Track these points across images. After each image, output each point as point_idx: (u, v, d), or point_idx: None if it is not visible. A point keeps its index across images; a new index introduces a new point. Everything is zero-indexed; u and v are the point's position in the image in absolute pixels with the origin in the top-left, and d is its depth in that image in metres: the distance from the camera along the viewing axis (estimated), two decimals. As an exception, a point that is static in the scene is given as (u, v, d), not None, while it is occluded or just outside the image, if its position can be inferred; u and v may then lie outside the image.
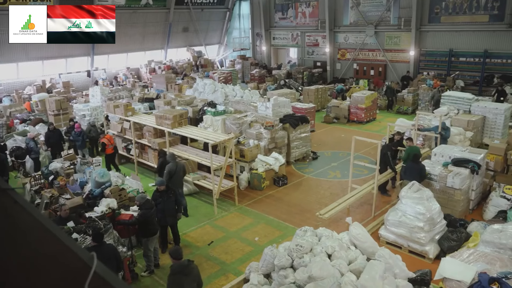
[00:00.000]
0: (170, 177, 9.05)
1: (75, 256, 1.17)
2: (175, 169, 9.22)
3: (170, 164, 9.26)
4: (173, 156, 9.63)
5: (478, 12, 20.16)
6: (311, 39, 27.92)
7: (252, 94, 17.76)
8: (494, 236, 6.78)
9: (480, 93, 19.36)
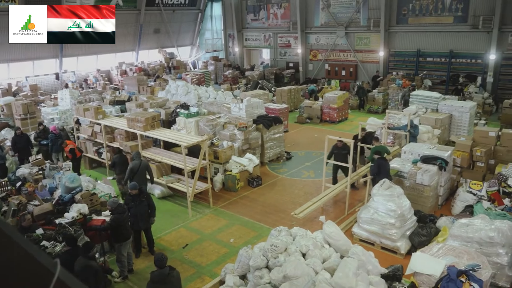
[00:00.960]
0: (132, 175, 9.17)
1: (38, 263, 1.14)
2: (138, 167, 9.27)
3: (134, 161, 9.37)
4: (138, 154, 9.73)
5: (443, 14, 20.83)
6: (283, 40, 28.13)
7: (226, 96, 17.74)
8: (461, 230, 7.01)
9: (447, 92, 20.01)
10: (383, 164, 9.01)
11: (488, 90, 19.64)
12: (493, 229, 6.73)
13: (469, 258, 6.06)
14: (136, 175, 9.18)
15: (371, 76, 23.48)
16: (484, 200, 8.82)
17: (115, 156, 10.70)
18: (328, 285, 5.31)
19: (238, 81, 26.37)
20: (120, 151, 11.09)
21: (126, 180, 9.34)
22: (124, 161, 10.70)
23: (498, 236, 6.65)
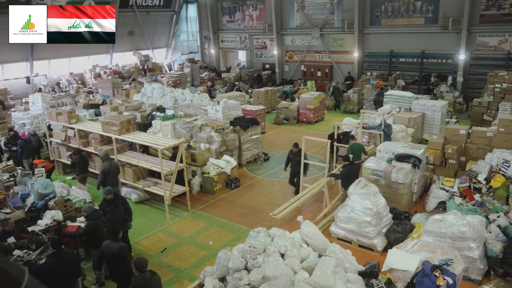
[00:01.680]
0: (104, 176, 9.22)
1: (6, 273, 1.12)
2: (109, 168, 9.34)
3: (105, 163, 9.39)
4: (107, 155, 9.76)
5: (414, 15, 21.33)
6: (259, 41, 28.22)
7: (202, 98, 17.66)
8: (435, 226, 7.20)
9: (419, 92, 20.48)
10: (352, 170, 9.14)
11: (459, 89, 20.24)
12: (465, 224, 6.94)
13: (443, 253, 6.22)
14: (109, 175, 9.25)
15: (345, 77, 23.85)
16: (456, 196, 9.07)
17: (75, 157, 10.85)
18: (306, 284, 5.35)
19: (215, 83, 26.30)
20: (80, 151, 11.23)
21: (100, 182, 9.34)
22: (84, 162, 11.00)
23: (469, 231, 6.86)
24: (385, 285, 5.77)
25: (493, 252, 7.10)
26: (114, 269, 6.52)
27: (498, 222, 7.75)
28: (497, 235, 7.22)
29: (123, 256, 6.35)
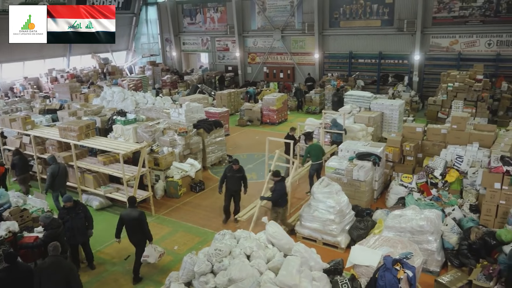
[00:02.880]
0: (53, 179, 9.18)
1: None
2: (58, 170, 9.30)
3: (52, 166, 9.31)
4: (53, 158, 9.66)
5: (371, 18, 22.00)
6: (221, 44, 28.17)
7: (164, 101, 17.42)
8: (395, 221, 7.45)
9: (378, 92, 21.16)
10: (283, 186, 8.37)
11: (415, 88, 21.04)
12: (423, 218, 7.23)
13: (403, 247, 6.44)
14: (58, 177, 9.25)
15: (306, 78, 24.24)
16: (414, 192, 9.43)
17: (15, 158, 10.64)
18: (273, 284, 5.40)
19: (177, 85, 26.01)
20: (20, 152, 10.98)
21: (48, 186, 9.34)
22: (24, 162, 10.83)
23: (427, 225, 7.15)
24: (349, 281, 5.90)
25: (449, 244, 7.42)
26: (134, 233, 7.35)
27: (453, 215, 8.13)
28: (452, 227, 7.56)
29: (142, 221, 7.25)
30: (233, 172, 9.06)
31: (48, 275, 5.61)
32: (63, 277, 5.67)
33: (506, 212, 8.16)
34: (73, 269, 5.93)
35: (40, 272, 5.66)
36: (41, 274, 5.63)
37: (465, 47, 19.91)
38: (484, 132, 10.34)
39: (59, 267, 5.73)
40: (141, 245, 7.38)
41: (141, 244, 7.38)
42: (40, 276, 5.61)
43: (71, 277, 5.75)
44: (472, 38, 19.68)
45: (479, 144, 9.91)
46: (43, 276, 5.61)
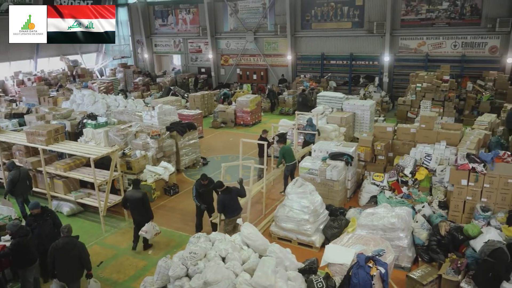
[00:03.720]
0: (13, 185, 9.05)
1: None
2: (19, 176, 9.15)
3: (13, 171, 9.15)
4: (13, 163, 9.54)
5: (342, 20, 22.37)
6: (194, 45, 28.02)
7: (136, 104, 17.17)
8: (367, 219, 7.59)
9: (350, 92, 21.53)
10: (225, 199, 7.94)
11: (385, 89, 21.52)
12: (394, 216, 7.39)
13: (375, 244, 6.58)
14: (18, 183, 9.10)
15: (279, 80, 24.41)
16: (386, 190, 9.64)
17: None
18: (248, 285, 5.40)
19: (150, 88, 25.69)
20: None
21: (8, 191, 9.21)
22: None
23: (398, 222, 7.31)
24: (323, 280, 5.98)
25: (420, 240, 7.62)
26: (137, 211, 8.23)
27: (423, 212, 8.35)
28: (422, 224, 7.77)
29: (145, 201, 8.12)
30: (204, 187, 8.66)
31: (63, 254, 6.30)
32: (76, 254, 6.38)
33: (472, 208, 8.47)
34: (84, 247, 6.57)
35: (54, 252, 6.31)
36: (55, 254, 6.32)
37: (432, 48, 20.53)
38: (451, 131, 10.68)
39: (73, 246, 6.38)
40: (142, 223, 8.19)
41: (142, 221, 8.20)
42: (54, 256, 6.32)
43: (83, 255, 6.50)
44: (439, 40, 20.31)
45: (446, 143, 10.22)
46: (57, 255, 6.31)
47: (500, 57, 19.08)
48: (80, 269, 6.53)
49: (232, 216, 7.94)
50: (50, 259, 6.33)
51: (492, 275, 6.04)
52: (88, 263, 6.61)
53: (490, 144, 10.72)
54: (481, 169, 8.36)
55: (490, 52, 19.33)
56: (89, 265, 6.62)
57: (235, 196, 8.10)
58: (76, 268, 6.45)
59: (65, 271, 6.40)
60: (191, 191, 9.56)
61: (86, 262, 6.56)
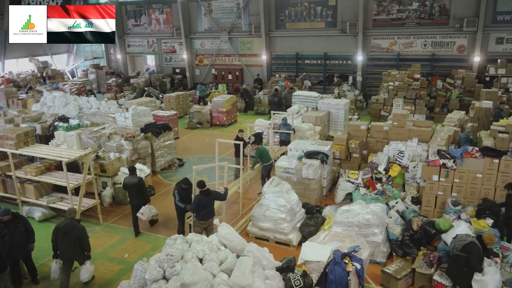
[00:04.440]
0: None
1: None
2: None
3: None
4: None
5: (316, 20, 22.61)
6: (168, 45, 27.74)
7: (110, 105, 16.86)
8: (343, 216, 7.71)
9: (324, 91, 21.79)
10: (201, 200, 7.81)
11: (359, 88, 21.89)
12: (369, 212, 7.53)
13: (351, 241, 6.68)
14: None
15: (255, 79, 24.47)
16: (360, 187, 9.81)
17: None
18: (226, 286, 5.40)
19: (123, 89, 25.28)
20: None
21: None
22: None
23: (373, 218, 7.45)
24: (301, 278, 6.04)
25: (394, 235, 7.80)
26: (134, 196, 8.87)
27: (397, 208, 8.55)
28: (396, 219, 7.95)
29: (141, 186, 8.84)
30: (186, 191, 8.60)
31: (64, 234, 6.86)
32: (76, 235, 6.88)
33: (444, 202, 8.72)
34: (84, 230, 7.07)
35: (57, 231, 6.91)
36: (57, 233, 6.90)
37: (403, 48, 21.00)
38: (422, 128, 10.95)
39: (73, 227, 6.91)
40: (139, 206, 8.80)
41: (139, 205, 8.81)
42: (57, 235, 6.91)
43: (82, 236, 6.98)
44: (410, 40, 20.79)
45: (418, 140, 10.47)
46: (59, 235, 6.89)
47: (467, 56, 19.70)
48: (80, 251, 7.05)
49: (202, 219, 7.81)
50: (53, 238, 6.96)
51: (466, 268, 6.22)
52: (87, 244, 7.09)
53: (459, 140, 11.05)
54: (451, 165, 8.62)
55: (458, 51, 19.93)
56: (88, 246, 7.10)
57: (212, 200, 7.97)
58: (76, 249, 6.99)
59: (66, 250, 6.97)
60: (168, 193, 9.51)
61: (85, 243, 7.05)
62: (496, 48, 19.16)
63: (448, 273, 6.57)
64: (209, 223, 7.86)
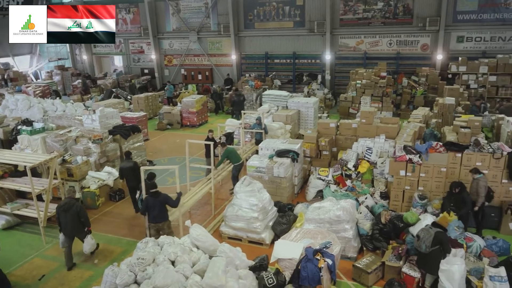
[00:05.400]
0: None
1: None
2: None
3: None
4: None
5: (284, 19, 22.79)
6: (136, 46, 27.28)
7: (76, 107, 16.42)
8: (314, 213, 7.81)
9: (294, 90, 22.00)
10: (149, 202, 7.74)
11: (328, 86, 22.22)
12: (339, 208, 7.66)
13: (322, 237, 6.79)
14: None
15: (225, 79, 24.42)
16: (331, 184, 9.95)
17: None
18: (199, 287, 5.37)
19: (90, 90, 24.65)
20: None
21: None
22: None
23: (343, 214, 7.59)
24: (274, 276, 6.08)
25: (364, 230, 7.96)
26: (130, 179, 9.72)
27: (366, 203, 8.74)
28: (366, 214, 8.12)
29: (136, 169, 9.46)
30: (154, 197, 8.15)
31: (64, 211, 7.69)
32: (74, 212, 7.64)
33: (411, 197, 8.98)
34: (82, 207, 7.87)
35: (58, 209, 7.78)
36: (59, 211, 7.74)
37: (370, 46, 21.46)
38: (389, 124, 11.23)
39: (71, 205, 7.69)
40: (136, 187, 9.46)
41: (135, 186, 9.49)
42: (59, 213, 7.75)
43: (81, 213, 7.75)
44: (375, 39, 21.27)
45: (385, 136, 10.72)
46: (60, 213, 7.72)
47: (431, 54, 20.34)
48: (80, 227, 7.79)
49: (152, 222, 7.73)
50: (56, 216, 7.85)
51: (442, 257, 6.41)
52: (86, 220, 7.86)
53: (424, 135, 11.39)
54: (417, 160, 8.88)
55: (422, 49, 20.55)
56: (87, 222, 7.88)
57: (159, 203, 7.71)
58: (76, 225, 7.74)
59: (67, 226, 7.74)
60: (138, 196, 9.36)
61: (85, 219, 7.82)
62: (457, 46, 19.89)
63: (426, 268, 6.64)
64: (161, 227, 7.74)
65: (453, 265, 6.23)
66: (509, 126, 10.73)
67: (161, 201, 7.72)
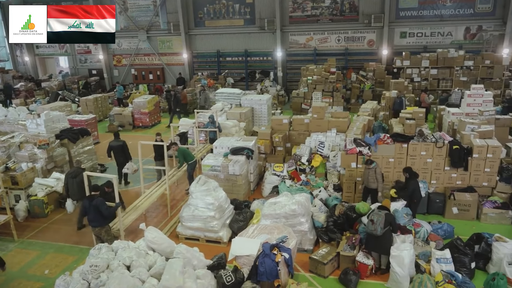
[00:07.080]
0: None
1: None
2: None
3: None
4: None
5: (234, 17, 22.81)
6: (82, 46, 26.25)
7: (19, 112, 15.55)
8: (270, 209, 7.90)
9: (247, 88, 22.09)
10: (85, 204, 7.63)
11: (280, 83, 22.50)
12: (295, 203, 7.79)
13: (279, 232, 6.89)
14: None
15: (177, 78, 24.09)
16: (286, 179, 10.10)
17: None
18: (156, 290, 5.29)
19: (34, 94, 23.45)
20: None
21: None
22: None
23: (299, 208, 7.72)
24: (232, 273, 6.11)
25: (319, 222, 8.15)
26: (118, 155, 11.07)
27: (320, 196, 8.95)
28: (320, 207, 8.33)
29: (124, 147, 11.04)
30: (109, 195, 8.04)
31: (72, 178, 8.99)
32: (81, 180, 8.28)
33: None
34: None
35: (66, 176, 9.22)
36: (67, 178, 9.13)
37: (319, 43, 21.96)
38: (340, 119, 11.57)
39: (78, 173, 8.85)
40: (124, 163, 10.98)
41: (123, 162, 10.98)
42: (67, 180, 9.11)
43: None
44: (324, 35, 21.80)
45: (336, 130, 11.04)
46: (68, 179, 9.08)
47: (377, 49, 21.14)
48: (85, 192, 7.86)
49: (90, 225, 7.72)
50: (65, 182, 9.23)
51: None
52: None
53: (373, 128, 11.84)
54: (366, 152, 9.22)
55: (368, 45, 21.31)
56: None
57: (93, 207, 7.49)
58: (82, 191, 8.06)
59: (73, 191, 9.05)
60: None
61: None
62: (400, 41, 20.81)
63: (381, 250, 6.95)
64: (97, 232, 7.59)
65: (403, 251, 6.54)
66: (449, 117, 11.38)
67: (94, 206, 7.47)
